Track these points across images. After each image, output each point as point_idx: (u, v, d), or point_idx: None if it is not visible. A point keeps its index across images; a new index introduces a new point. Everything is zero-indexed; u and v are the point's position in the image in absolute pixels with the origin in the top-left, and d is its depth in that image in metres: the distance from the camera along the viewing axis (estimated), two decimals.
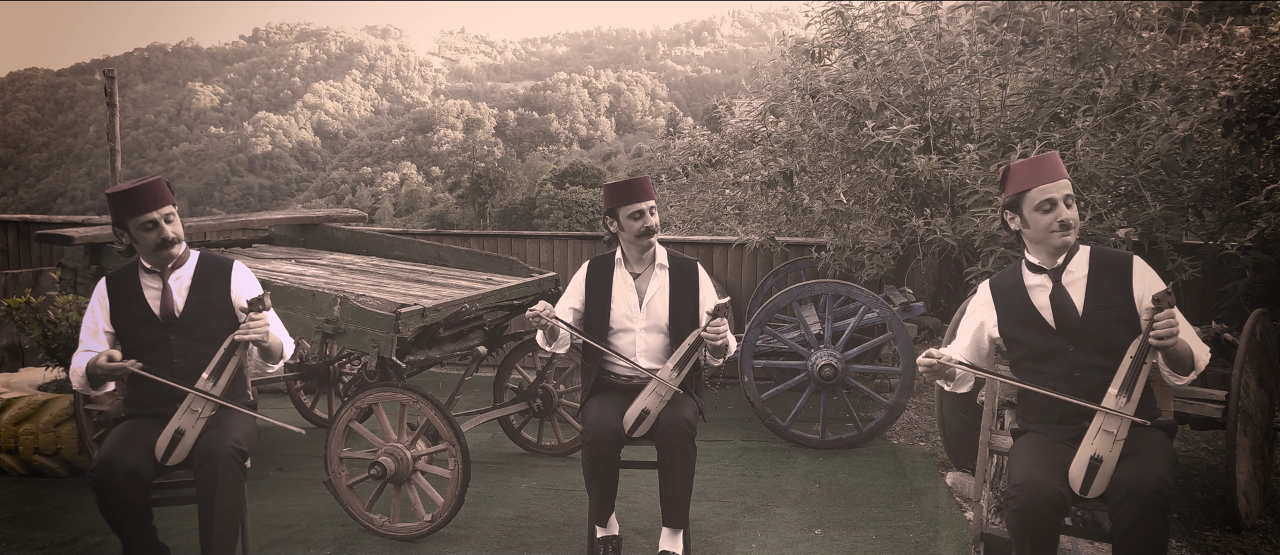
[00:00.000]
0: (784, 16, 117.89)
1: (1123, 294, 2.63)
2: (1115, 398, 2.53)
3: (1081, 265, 2.70)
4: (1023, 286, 2.76)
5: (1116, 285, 2.65)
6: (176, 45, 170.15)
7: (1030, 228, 2.70)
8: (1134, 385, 2.52)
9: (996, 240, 4.56)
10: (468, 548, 3.54)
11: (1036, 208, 2.66)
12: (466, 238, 7.42)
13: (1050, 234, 2.65)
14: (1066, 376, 2.66)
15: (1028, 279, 2.76)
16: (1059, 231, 2.64)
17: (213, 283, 3.04)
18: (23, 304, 4.61)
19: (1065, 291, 2.68)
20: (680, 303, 3.42)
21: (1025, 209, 2.69)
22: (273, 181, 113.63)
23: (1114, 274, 2.66)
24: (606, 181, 3.89)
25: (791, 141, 5.87)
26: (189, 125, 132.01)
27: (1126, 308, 2.62)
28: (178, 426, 2.85)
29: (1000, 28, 5.60)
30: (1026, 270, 2.77)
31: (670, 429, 3.18)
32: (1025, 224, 2.71)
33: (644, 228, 3.37)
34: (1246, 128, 4.57)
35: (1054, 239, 2.66)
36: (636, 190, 3.37)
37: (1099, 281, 2.66)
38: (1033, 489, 2.50)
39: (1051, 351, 2.69)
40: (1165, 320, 2.41)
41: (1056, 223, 2.64)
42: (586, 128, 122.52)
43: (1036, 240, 2.71)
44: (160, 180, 2.97)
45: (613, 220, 3.42)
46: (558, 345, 3.43)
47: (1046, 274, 2.72)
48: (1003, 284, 2.82)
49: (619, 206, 3.38)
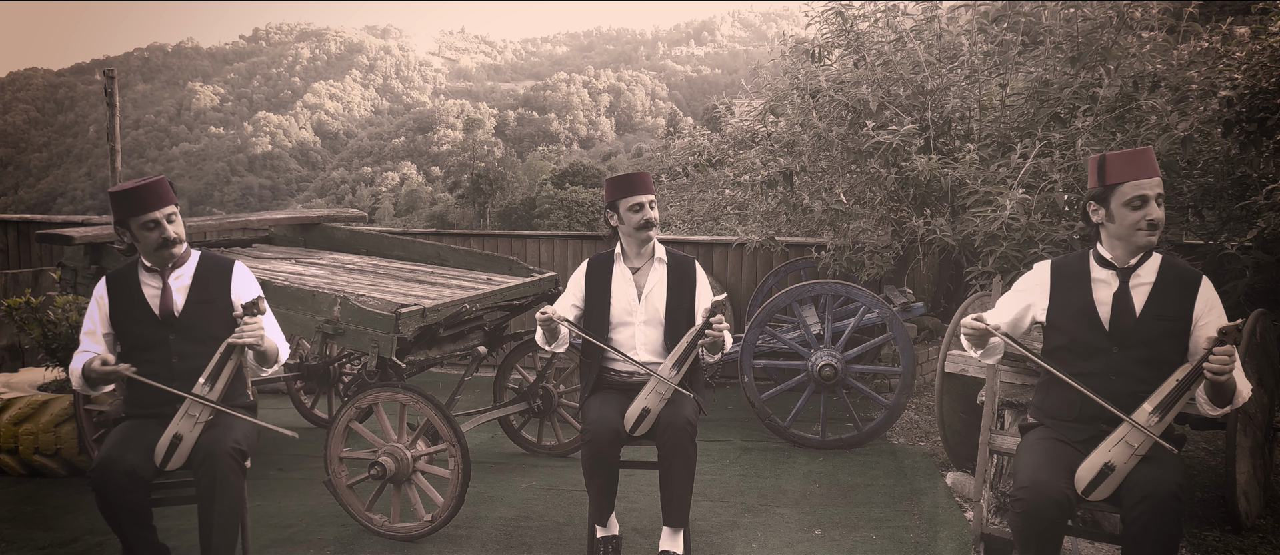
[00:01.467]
0: (784, 16, 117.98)
1: (1183, 310, 2.59)
2: (1149, 415, 2.50)
3: (1151, 271, 2.65)
4: (1088, 277, 2.69)
5: (1180, 299, 2.60)
6: (176, 45, 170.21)
7: (1115, 222, 2.63)
8: (1171, 408, 2.49)
9: (996, 240, 4.56)
10: (468, 548, 3.54)
11: (1127, 202, 2.59)
12: (466, 238, 7.42)
13: (1136, 231, 2.59)
14: (1102, 377, 2.61)
15: (1094, 272, 2.69)
16: (1146, 230, 2.58)
17: (213, 283, 3.04)
18: (23, 304, 4.61)
19: (1129, 293, 2.63)
20: (677, 298, 3.44)
21: (1114, 202, 2.61)
22: (273, 181, 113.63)
23: (1181, 288, 2.61)
24: (606, 178, 3.90)
25: (791, 141, 5.87)
26: (189, 125, 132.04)
27: (1182, 324, 2.58)
28: (175, 432, 2.85)
29: (1000, 28, 5.60)
30: (1095, 262, 2.70)
31: (670, 428, 3.18)
32: (1110, 218, 2.64)
33: (643, 220, 3.39)
34: (1246, 128, 4.57)
35: (1139, 237, 2.60)
36: (637, 183, 3.42)
37: (1164, 292, 2.61)
38: (1039, 491, 2.48)
39: (1095, 350, 2.64)
40: (1223, 355, 2.35)
41: (1144, 221, 2.58)
42: (586, 128, 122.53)
43: (1118, 236, 2.64)
44: (163, 180, 2.97)
45: (613, 213, 3.46)
46: (557, 344, 3.43)
47: (1115, 271, 2.66)
48: (1067, 269, 2.75)
49: (619, 198, 3.42)
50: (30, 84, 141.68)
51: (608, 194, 3.47)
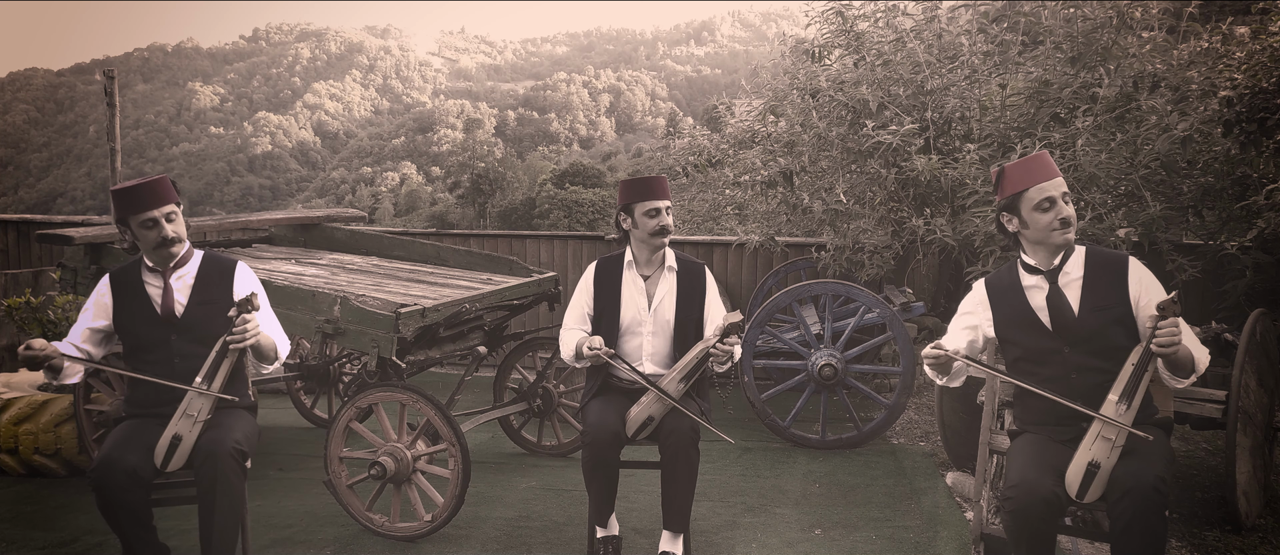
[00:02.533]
0: (784, 16, 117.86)
1: (1119, 295, 2.62)
2: (1115, 405, 2.52)
3: (1077, 266, 2.69)
4: (1019, 287, 2.74)
5: (1113, 286, 2.63)
6: (176, 45, 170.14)
7: (1029, 228, 2.67)
8: (1135, 393, 2.50)
9: (996, 240, 4.56)
10: (468, 548, 3.54)
11: (1036, 207, 2.63)
12: (466, 238, 7.42)
13: (1051, 232, 2.63)
14: (1063, 378, 2.64)
15: (1024, 280, 2.74)
16: (1060, 229, 2.62)
17: (215, 283, 3.04)
18: (23, 304, 4.61)
19: (1062, 292, 2.66)
20: (686, 307, 3.40)
21: (1023, 209, 2.66)
22: (273, 181, 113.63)
23: (1110, 275, 2.64)
24: (621, 179, 3.84)
25: (791, 141, 5.87)
26: (189, 125, 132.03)
27: (1123, 309, 2.61)
28: (175, 432, 2.84)
29: (1000, 28, 5.60)
30: (1022, 271, 2.75)
31: (674, 433, 3.17)
32: (1024, 225, 2.69)
33: (659, 226, 3.33)
34: (1246, 128, 4.57)
35: (1055, 237, 2.64)
36: (655, 187, 3.34)
37: (1095, 283, 2.65)
38: (1028, 490, 2.49)
39: (1048, 353, 2.68)
40: (1168, 329, 2.38)
41: (1057, 220, 2.61)
42: (586, 128, 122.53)
43: (1036, 240, 2.69)
44: (165, 179, 2.97)
45: (627, 217, 3.38)
46: (583, 362, 3.35)
47: (1042, 275, 2.70)
48: (998, 284, 2.80)
49: (635, 202, 3.34)
50: (30, 84, 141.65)
51: (622, 196, 3.39)
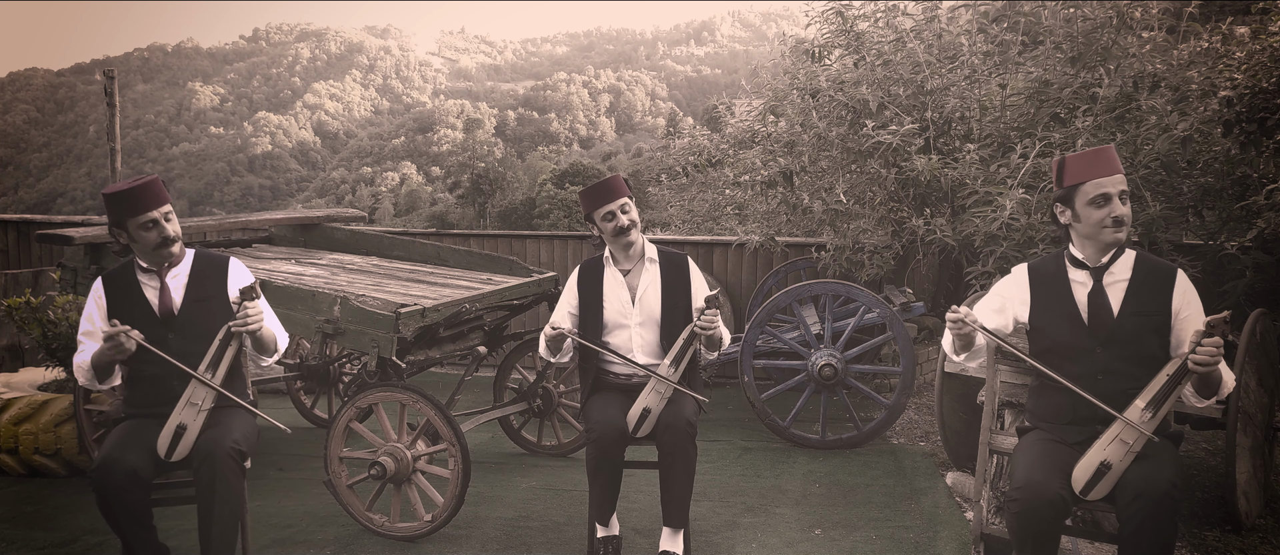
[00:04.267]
0: (784, 16, 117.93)
1: (1161, 304, 2.59)
2: (1141, 411, 2.50)
3: (1125, 268, 2.65)
4: (1065, 278, 2.70)
5: (1156, 294, 2.60)
6: (176, 45, 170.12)
7: (1081, 222, 2.64)
8: (1162, 403, 2.49)
9: (996, 240, 4.56)
10: (468, 548, 3.54)
11: (1090, 202, 2.60)
12: (466, 238, 7.42)
13: (1102, 229, 2.60)
14: (1089, 378, 2.61)
15: (1070, 272, 2.70)
16: (1112, 227, 2.59)
17: (210, 280, 3.04)
18: (23, 304, 4.60)
19: (1104, 292, 2.64)
20: (672, 296, 3.43)
21: (1078, 203, 2.63)
22: (273, 181, 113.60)
23: (1156, 283, 2.61)
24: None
25: (791, 141, 5.87)
26: (189, 125, 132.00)
27: (1161, 318, 2.58)
28: (179, 421, 2.85)
29: (1000, 28, 5.60)
30: (1069, 264, 2.71)
31: (670, 429, 3.18)
32: (1076, 218, 2.65)
33: (616, 228, 3.38)
34: (1246, 128, 4.57)
35: (1106, 235, 2.60)
36: (605, 192, 3.38)
37: (1140, 288, 2.62)
38: (1034, 491, 2.49)
39: (1079, 350, 2.65)
40: (1210, 347, 2.35)
41: (1109, 218, 2.59)
42: (586, 128, 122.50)
43: (1086, 236, 2.65)
44: (157, 179, 2.97)
45: (591, 224, 3.46)
46: (562, 355, 3.43)
47: (1089, 271, 2.67)
48: (1043, 271, 2.76)
49: (593, 210, 3.41)
50: (30, 84, 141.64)
51: (583, 207, 3.46)
